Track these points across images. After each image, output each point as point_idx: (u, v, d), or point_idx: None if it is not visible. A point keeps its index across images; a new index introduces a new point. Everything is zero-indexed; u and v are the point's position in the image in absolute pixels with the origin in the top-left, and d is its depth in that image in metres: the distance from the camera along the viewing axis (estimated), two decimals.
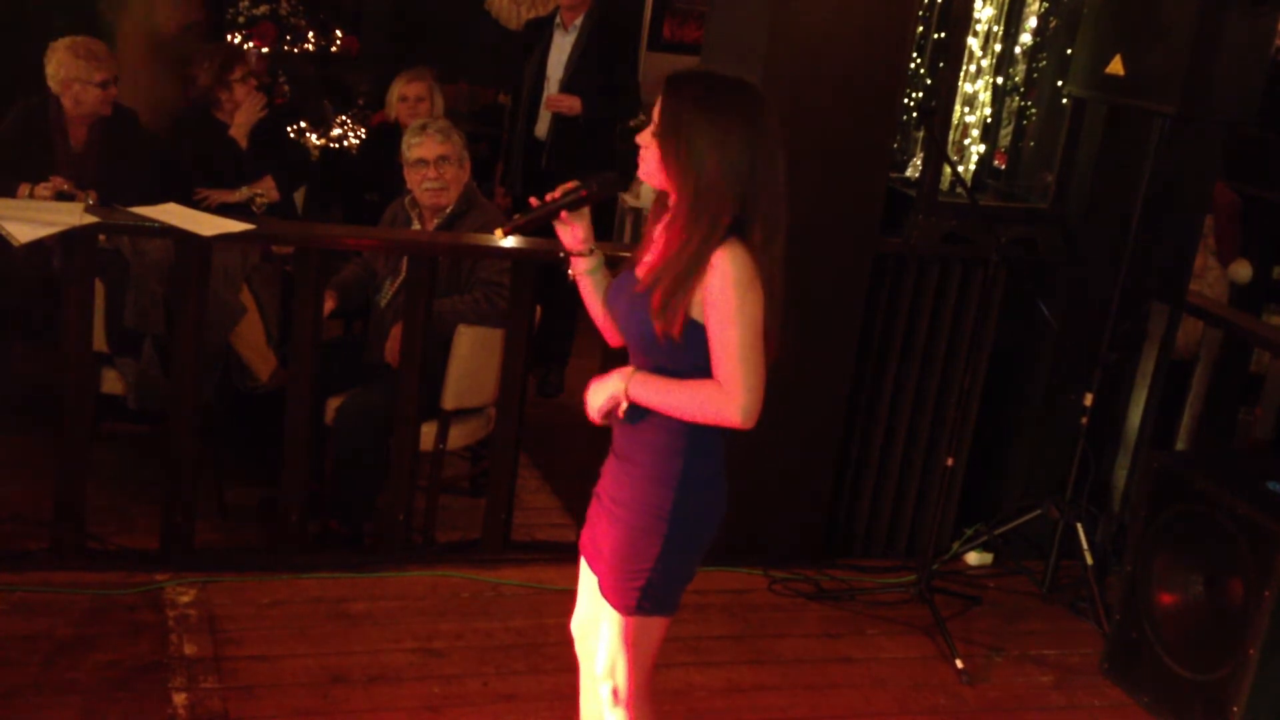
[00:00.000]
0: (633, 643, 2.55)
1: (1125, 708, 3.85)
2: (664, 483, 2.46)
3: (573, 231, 2.55)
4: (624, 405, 2.43)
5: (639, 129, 2.48)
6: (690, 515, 2.49)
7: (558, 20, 5.79)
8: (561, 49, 5.76)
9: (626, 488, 2.51)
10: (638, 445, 2.49)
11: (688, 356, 2.39)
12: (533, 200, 2.54)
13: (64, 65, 4.64)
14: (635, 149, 2.45)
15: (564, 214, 2.52)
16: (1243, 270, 5.47)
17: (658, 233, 2.44)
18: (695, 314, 2.35)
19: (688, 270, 2.33)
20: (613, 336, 2.63)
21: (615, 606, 2.53)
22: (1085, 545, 4.32)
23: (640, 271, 2.45)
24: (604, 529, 2.56)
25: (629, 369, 2.44)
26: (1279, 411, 4.57)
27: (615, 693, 2.59)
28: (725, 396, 2.36)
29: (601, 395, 2.47)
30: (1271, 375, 4.63)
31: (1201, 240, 4.88)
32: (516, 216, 2.59)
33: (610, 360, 2.63)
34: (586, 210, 2.54)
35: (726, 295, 2.32)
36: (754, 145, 2.33)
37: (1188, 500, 3.72)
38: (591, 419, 2.52)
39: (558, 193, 2.50)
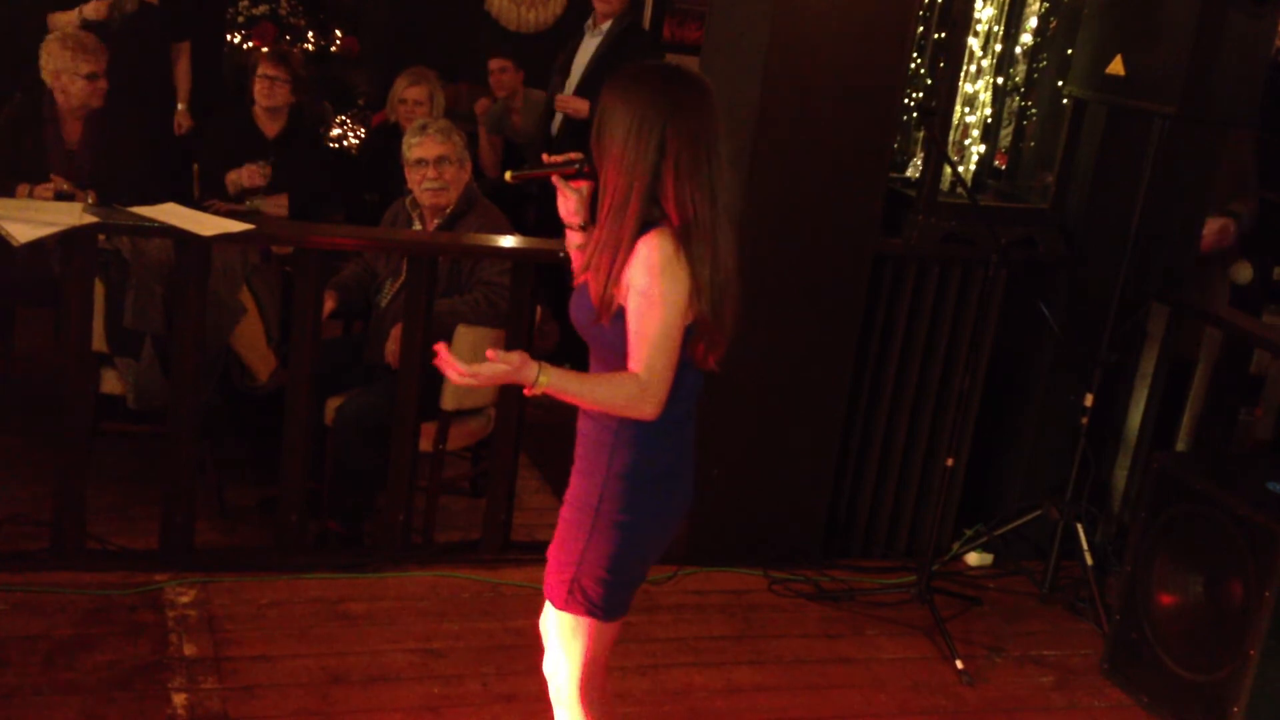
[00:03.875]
0: (569, 640, 2.55)
1: (1125, 708, 3.85)
2: (597, 479, 2.45)
3: (566, 202, 2.54)
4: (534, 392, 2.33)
5: None
6: (623, 513, 2.44)
7: (589, 21, 5.85)
8: (586, 50, 5.84)
9: (572, 481, 2.54)
10: (580, 441, 2.51)
11: (621, 345, 2.37)
12: (545, 157, 2.55)
13: (53, 57, 4.66)
14: None
15: (557, 181, 2.51)
16: (1243, 271, 5.47)
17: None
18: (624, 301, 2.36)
19: (608, 258, 2.33)
20: None
21: (550, 599, 2.55)
22: (1085, 546, 4.32)
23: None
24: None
25: (544, 371, 2.30)
26: (1279, 412, 4.57)
27: (558, 689, 2.63)
28: (641, 386, 2.32)
29: (496, 370, 2.31)
30: (1272, 376, 4.63)
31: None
32: (525, 166, 2.65)
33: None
34: (584, 187, 2.53)
35: (648, 282, 2.31)
36: (667, 130, 2.30)
37: (1188, 501, 3.72)
38: (455, 375, 2.34)
39: (559, 158, 2.51)
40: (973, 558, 4.62)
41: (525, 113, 6.68)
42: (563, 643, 2.56)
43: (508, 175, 2.58)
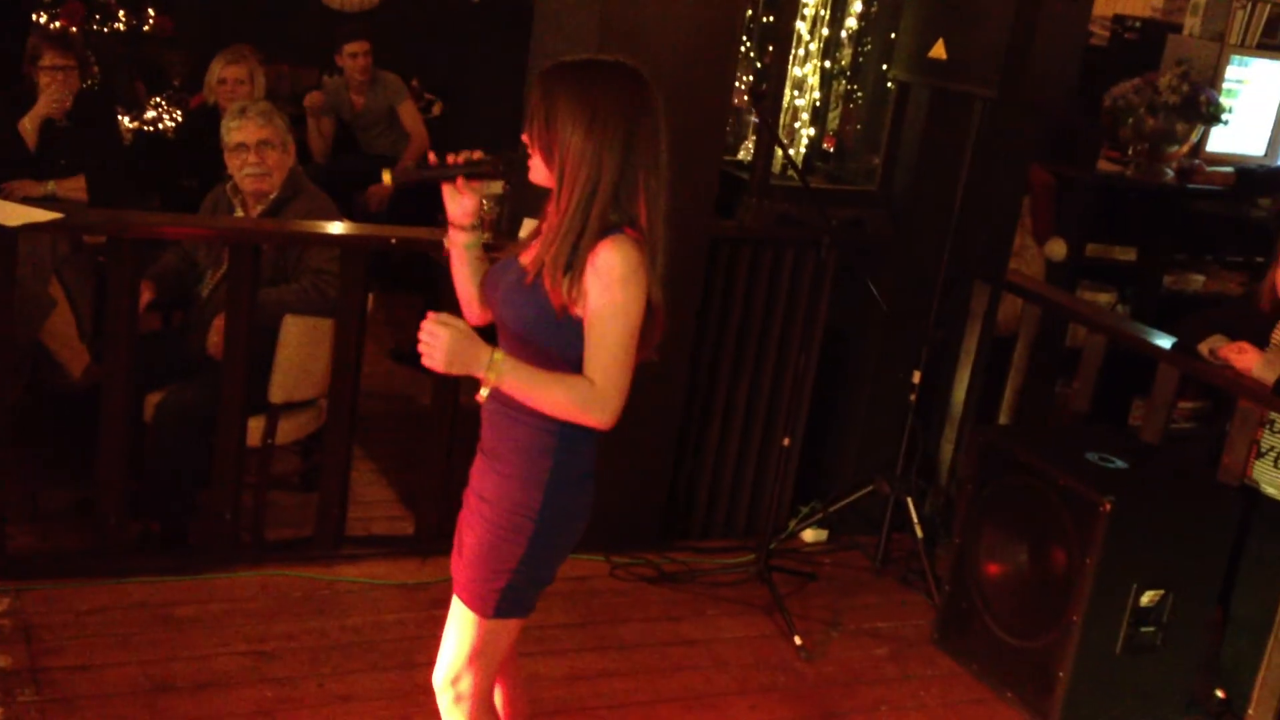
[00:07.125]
0: (484, 645, 2.49)
1: (956, 676, 3.97)
2: (532, 483, 2.40)
3: (463, 202, 2.47)
4: (484, 391, 2.29)
5: None
6: (557, 517, 2.44)
7: None
8: None
9: (494, 486, 2.44)
10: (506, 444, 2.43)
11: (565, 346, 2.32)
12: (431, 156, 2.45)
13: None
14: None
15: (460, 181, 2.43)
16: (1058, 248, 5.68)
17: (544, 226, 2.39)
18: (579, 307, 2.30)
19: (567, 254, 2.28)
20: (473, 314, 2.57)
21: (472, 608, 2.47)
22: (915, 519, 4.43)
23: (525, 259, 2.39)
24: (469, 528, 2.49)
25: (497, 351, 2.26)
26: (1094, 384, 4.75)
27: (460, 698, 2.53)
28: (597, 395, 2.30)
29: (455, 360, 2.22)
30: (1088, 349, 4.81)
31: (1019, 220, 5.04)
32: (410, 165, 2.50)
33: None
34: (480, 186, 2.46)
35: (611, 291, 2.27)
36: (627, 124, 2.28)
37: (1011, 473, 3.84)
38: (427, 364, 2.24)
39: (461, 157, 2.42)
40: (809, 534, 4.70)
41: (373, 93, 6.53)
42: (477, 648, 2.48)
43: (386, 177, 2.44)
